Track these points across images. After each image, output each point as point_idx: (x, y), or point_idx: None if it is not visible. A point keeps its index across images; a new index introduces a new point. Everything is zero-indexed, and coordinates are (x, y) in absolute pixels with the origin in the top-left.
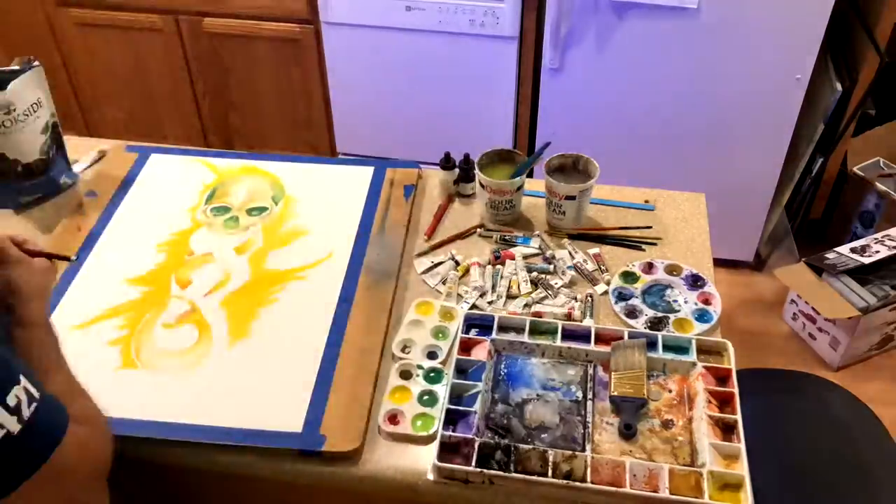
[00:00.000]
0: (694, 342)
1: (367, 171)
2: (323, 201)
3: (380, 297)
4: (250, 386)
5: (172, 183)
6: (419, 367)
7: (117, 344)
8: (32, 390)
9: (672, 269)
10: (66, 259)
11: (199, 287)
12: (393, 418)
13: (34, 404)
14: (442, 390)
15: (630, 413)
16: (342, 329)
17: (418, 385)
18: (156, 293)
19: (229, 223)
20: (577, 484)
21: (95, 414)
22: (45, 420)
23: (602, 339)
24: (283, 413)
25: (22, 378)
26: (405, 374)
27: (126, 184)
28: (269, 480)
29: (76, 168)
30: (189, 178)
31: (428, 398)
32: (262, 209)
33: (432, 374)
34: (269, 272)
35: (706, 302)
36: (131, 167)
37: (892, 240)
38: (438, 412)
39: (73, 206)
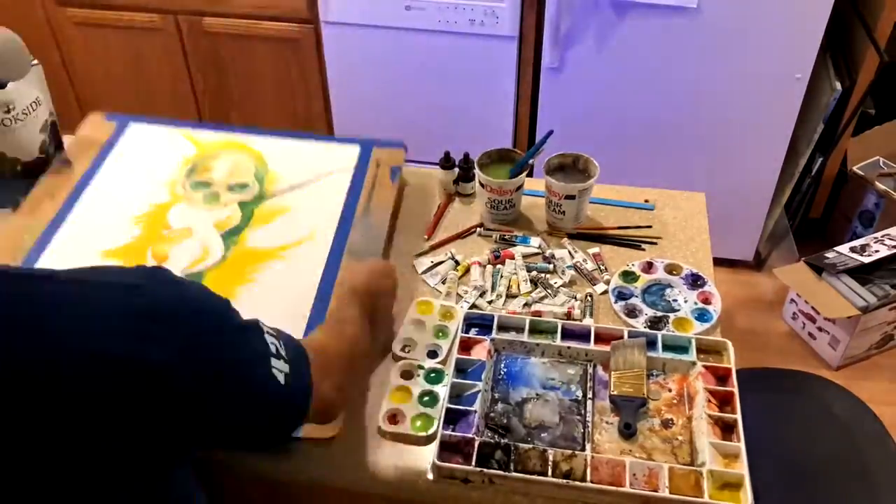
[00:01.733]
0: (694, 341)
1: (354, 150)
2: (306, 179)
3: None
4: None
5: (151, 154)
6: (420, 367)
7: None
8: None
9: (672, 269)
10: None
11: (175, 262)
12: (393, 418)
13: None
14: (443, 391)
15: (630, 412)
16: (323, 312)
17: (419, 385)
18: None
19: (209, 199)
20: (577, 483)
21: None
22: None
23: (602, 338)
24: None
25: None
26: (406, 374)
27: (103, 153)
28: (268, 480)
29: None
30: (169, 151)
31: (428, 399)
32: (244, 186)
33: (433, 375)
34: (248, 250)
35: (706, 301)
36: (109, 136)
37: (892, 239)
38: (438, 413)
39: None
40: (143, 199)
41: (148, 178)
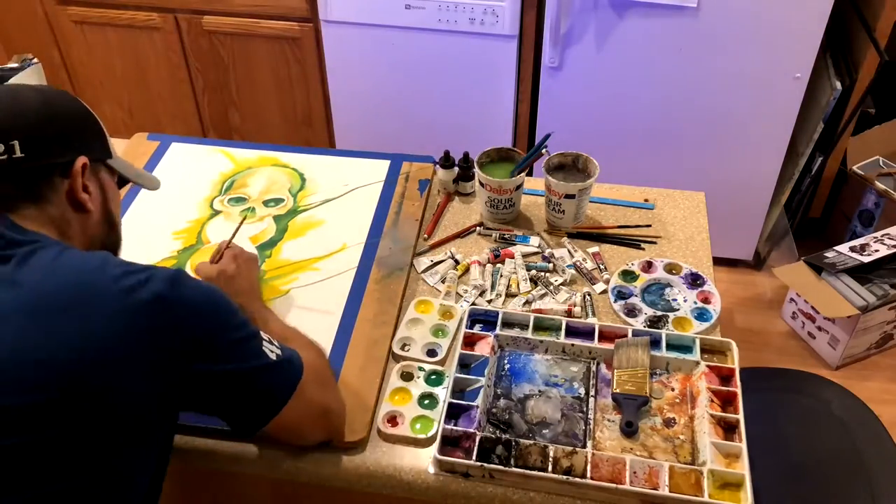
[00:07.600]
0: (698, 341)
1: (384, 165)
2: (339, 193)
3: (390, 290)
4: None
5: (191, 172)
6: (421, 368)
7: None
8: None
9: (671, 268)
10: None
11: None
12: (392, 420)
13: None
14: (443, 393)
15: (632, 410)
16: (352, 321)
17: (419, 387)
18: None
19: (245, 213)
20: (577, 479)
21: (309, 341)
22: (290, 354)
23: (606, 336)
24: None
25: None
26: (406, 376)
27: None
28: (268, 479)
29: None
30: (207, 168)
31: (428, 401)
32: (279, 200)
33: (434, 377)
34: (282, 262)
35: (705, 300)
36: (151, 155)
37: (892, 238)
38: (438, 415)
39: None
40: (182, 214)
41: (187, 194)
